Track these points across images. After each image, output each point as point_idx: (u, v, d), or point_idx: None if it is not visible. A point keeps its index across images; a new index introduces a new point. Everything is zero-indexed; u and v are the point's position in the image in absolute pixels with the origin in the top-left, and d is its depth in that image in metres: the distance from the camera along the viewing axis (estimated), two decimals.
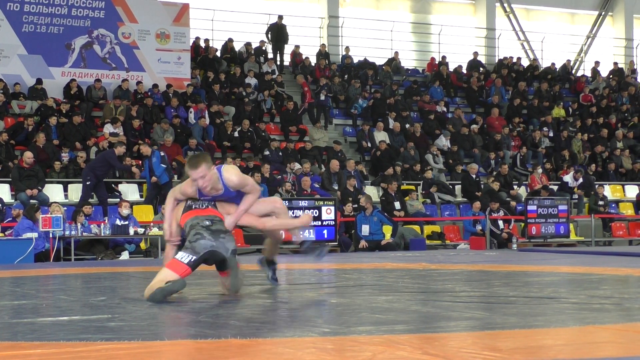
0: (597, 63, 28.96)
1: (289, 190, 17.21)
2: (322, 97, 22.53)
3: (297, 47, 24.77)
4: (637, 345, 4.00)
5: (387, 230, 16.62)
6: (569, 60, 29.07)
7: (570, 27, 31.08)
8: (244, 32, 24.77)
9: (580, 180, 20.83)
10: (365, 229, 16.43)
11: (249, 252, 15.15)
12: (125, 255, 14.62)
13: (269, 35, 24.38)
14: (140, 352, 3.80)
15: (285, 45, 24.65)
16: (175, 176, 17.96)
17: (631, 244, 20.08)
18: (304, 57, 24.68)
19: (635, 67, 29.93)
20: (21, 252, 13.09)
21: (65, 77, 20.27)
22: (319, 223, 15.66)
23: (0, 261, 12.66)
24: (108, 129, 18.79)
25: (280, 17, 24.29)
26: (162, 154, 17.11)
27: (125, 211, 15.04)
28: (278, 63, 24.23)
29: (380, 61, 26.21)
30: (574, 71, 29.49)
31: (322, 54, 24.75)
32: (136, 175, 17.30)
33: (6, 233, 13.84)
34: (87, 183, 15.77)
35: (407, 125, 22.34)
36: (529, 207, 17.82)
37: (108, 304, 5.93)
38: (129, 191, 17.36)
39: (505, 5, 29.57)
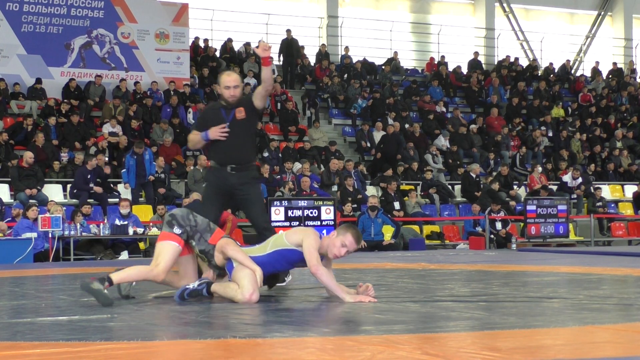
0: (597, 63, 28.96)
1: (291, 189, 17.24)
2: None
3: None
4: (637, 345, 4.00)
5: (387, 230, 16.62)
6: (568, 60, 29.09)
7: (569, 27, 31.10)
8: (244, 32, 24.77)
9: (580, 179, 20.84)
10: (372, 231, 16.45)
11: None
12: (124, 255, 14.63)
13: (281, 52, 24.20)
14: (140, 352, 3.80)
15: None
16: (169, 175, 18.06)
17: (630, 244, 20.08)
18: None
19: (634, 66, 29.91)
20: (20, 252, 13.10)
21: (65, 77, 20.28)
22: (319, 223, 15.67)
23: (0, 261, 12.66)
24: (107, 128, 18.80)
25: (289, 31, 24.16)
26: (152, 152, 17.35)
27: (124, 210, 15.05)
28: (288, 78, 24.04)
29: (379, 61, 26.22)
30: (573, 71, 29.51)
31: (322, 54, 24.74)
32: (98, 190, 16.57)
33: (6, 233, 13.84)
34: (75, 191, 16.25)
35: (407, 125, 22.35)
36: (528, 207, 17.82)
37: None
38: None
39: (505, 5, 29.58)
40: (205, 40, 23.47)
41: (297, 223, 15.27)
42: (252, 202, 6.98)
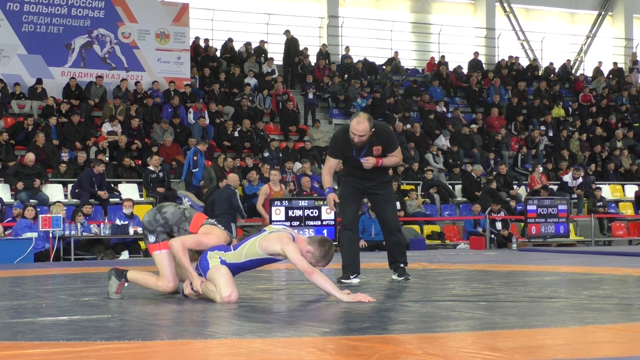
0: (600, 63, 28.93)
1: (292, 190, 17.22)
2: (310, 96, 22.50)
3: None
4: (637, 345, 4.00)
5: None
6: (568, 60, 29.08)
7: (570, 27, 31.09)
8: (244, 32, 24.77)
9: (580, 180, 20.84)
10: (372, 231, 16.45)
11: None
12: (125, 255, 14.64)
13: (284, 52, 24.20)
14: (140, 352, 3.80)
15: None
16: (172, 175, 18.04)
17: (631, 244, 20.08)
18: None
19: (637, 58, 29.79)
20: (21, 252, 13.11)
21: (65, 77, 20.28)
22: (319, 223, 15.65)
23: (0, 261, 12.67)
24: (106, 127, 18.80)
25: (288, 32, 24.15)
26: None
27: (127, 210, 15.07)
28: (289, 78, 24.02)
29: (380, 61, 26.22)
30: (573, 71, 29.50)
31: (322, 54, 24.74)
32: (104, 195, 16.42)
33: (6, 233, 13.85)
34: (77, 191, 16.13)
35: (407, 125, 22.35)
36: (529, 207, 17.82)
37: (108, 304, 5.93)
38: (129, 191, 17.36)
39: (505, 5, 29.57)
40: (206, 40, 23.46)
41: (298, 223, 15.25)
42: (387, 202, 7.58)
